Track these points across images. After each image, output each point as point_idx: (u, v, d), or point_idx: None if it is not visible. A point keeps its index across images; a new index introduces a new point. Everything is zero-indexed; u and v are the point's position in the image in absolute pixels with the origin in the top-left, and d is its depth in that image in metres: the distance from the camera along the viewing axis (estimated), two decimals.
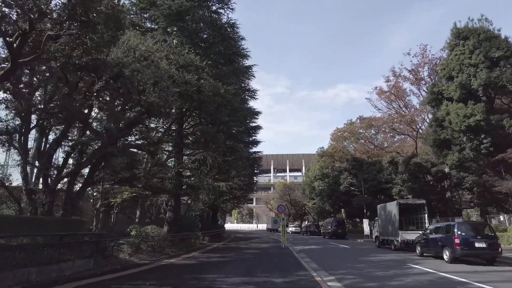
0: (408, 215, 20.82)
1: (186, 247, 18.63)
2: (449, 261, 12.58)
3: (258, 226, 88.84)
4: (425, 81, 40.72)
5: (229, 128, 24.27)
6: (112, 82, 9.92)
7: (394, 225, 19.36)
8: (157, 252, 15.10)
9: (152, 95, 11.00)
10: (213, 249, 19.09)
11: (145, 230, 15.34)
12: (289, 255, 15.92)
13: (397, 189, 36.31)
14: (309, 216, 68.39)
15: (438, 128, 23.93)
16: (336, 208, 50.58)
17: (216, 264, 12.44)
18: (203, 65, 19.01)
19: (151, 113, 11.55)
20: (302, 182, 65.19)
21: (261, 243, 26.08)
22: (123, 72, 9.76)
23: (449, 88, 23.18)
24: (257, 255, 15.82)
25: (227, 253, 16.75)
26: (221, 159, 23.49)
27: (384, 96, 45.90)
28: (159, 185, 19.15)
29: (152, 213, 24.30)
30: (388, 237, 20.53)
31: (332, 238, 34.99)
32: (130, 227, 15.18)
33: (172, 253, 16.07)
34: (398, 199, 20.21)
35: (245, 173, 33.26)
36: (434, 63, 38.79)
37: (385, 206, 21.39)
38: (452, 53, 23.45)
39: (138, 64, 10.08)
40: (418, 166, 34.14)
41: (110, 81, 9.94)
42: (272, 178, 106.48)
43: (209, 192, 22.10)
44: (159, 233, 15.95)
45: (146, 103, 10.95)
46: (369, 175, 39.36)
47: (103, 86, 9.98)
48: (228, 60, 26.03)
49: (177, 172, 21.94)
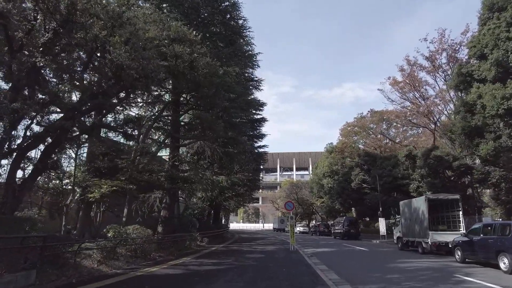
0: (437, 213, 17.93)
1: (178, 250, 15.97)
2: (509, 271, 9.70)
3: (265, 225, 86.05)
4: (443, 69, 37.61)
5: (229, 116, 21.55)
6: (62, 31, 7.29)
7: (423, 224, 16.48)
8: (140, 257, 12.45)
9: (121, 56, 8.34)
10: (210, 253, 16.39)
11: (126, 230, 12.71)
12: (300, 261, 13.16)
13: (414, 185, 33.29)
14: (317, 215, 65.56)
15: (468, 114, 20.97)
16: (346, 206, 47.69)
17: (207, 274, 9.73)
18: (198, 39, 16.33)
19: (122, 81, 8.90)
20: (310, 180, 62.39)
21: (267, 245, 23.32)
22: (74, 17, 7.14)
23: (480, 68, 20.22)
24: (261, 261, 13.08)
25: (225, 259, 14.02)
26: (221, 150, 20.80)
27: (398, 87, 42.70)
28: (147, 179, 16.50)
29: (144, 211, 21.67)
30: (414, 239, 17.64)
31: (344, 238, 32.17)
32: (107, 227, 12.55)
33: (160, 258, 13.41)
34: (427, 194, 17.31)
35: (249, 168, 30.56)
36: (454, 49, 35.63)
37: (410, 203, 18.49)
38: (485, 28, 20.46)
39: (97, 7, 7.44)
40: (439, 160, 31.01)
41: (60, 30, 7.31)
42: (278, 177, 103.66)
43: (208, 187, 19.44)
44: (144, 234, 13.28)
45: (113, 65, 8.30)
46: (384, 170, 36.33)
47: (51, 39, 7.36)
48: (229, 42, 23.37)
49: (172, 165, 19.33)
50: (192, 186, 18.15)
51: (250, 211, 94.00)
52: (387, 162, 37.56)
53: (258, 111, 32.78)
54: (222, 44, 22.82)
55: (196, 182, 18.42)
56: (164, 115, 21.27)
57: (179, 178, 17.38)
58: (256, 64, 31.01)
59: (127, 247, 12.20)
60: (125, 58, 8.45)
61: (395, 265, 12.37)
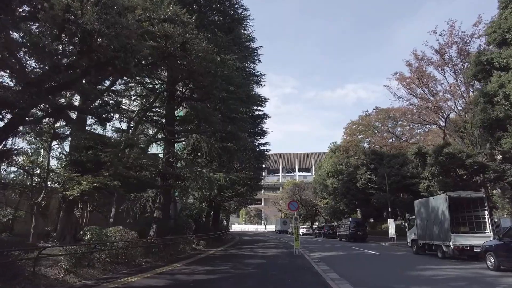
0: (458, 213, 16.19)
1: (170, 255, 14.30)
2: None
3: (267, 227, 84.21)
4: (453, 62, 35.83)
5: (228, 108, 19.87)
6: None
7: (443, 225, 14.73)
8: (122, 263, 10.80)
9: (85, 16, 6.70)
10: (206, 258, 14.69)
11: (106, 233, 11.06)
12: (306, 268, 11.45)
13: (425, 184, 31.44)
14: (320, 216, 63.72)
15: (488, 105, 19.23)
16: (351, 207, 45.87)
17: (195, 287, 8.06)
18: (192, 21, 14.67)
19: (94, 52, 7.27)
20: (313, 181, 60.60)
21: (269, 248, 21.58)
22: None
23: (502, 55, 18.47)
24: (262, 268, 11.40)
25: (222, 265, 12.33)
26: (219, 146, 19.11)
27: (405, 83, 40.91)
28: (136, 175, 14.87)
29: (136, 211, 20.00)
30: (432, 241, 15.88)
31: (351, 241, 30.43)
32: (84, 229, 10.91)
33: (146, 264, 11.74)
34: (448, 192, 15.55)
35: (250, 167, 28.86)
36: (465, 42, 33.85)
37: (428, 202, 16.74)
38: (506, 12, 18.75)
39: None
40: (451, 157, 29.20)
41: None
42: (280, 178, 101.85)
43: (204, 185, 17.74)
44: (127, 237, 11.61)
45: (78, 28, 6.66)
46: (391, 169, 34.51)
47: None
48: (228, 29, 21.75)
49: (167, 162, 17.70)
50: (186, 184, 16.44)
51: (252, 213, 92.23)
52: (395, 160, 35.73)
53: (260, 106, 31.16)
54: (220, 33, 21.21)
55: (191, 179, 16.78)
56: (158, 106, 19.69)
57: (171, 174, 15.70)
58: (258, 59, 29.48)
59: (106, 252, 10.53)
60: (94, 21, 6.81)
61: (417, 273, 10.64)
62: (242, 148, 27.93)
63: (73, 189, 12.10)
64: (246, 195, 32.58)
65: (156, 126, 18.79)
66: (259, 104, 30.40)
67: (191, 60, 14.68)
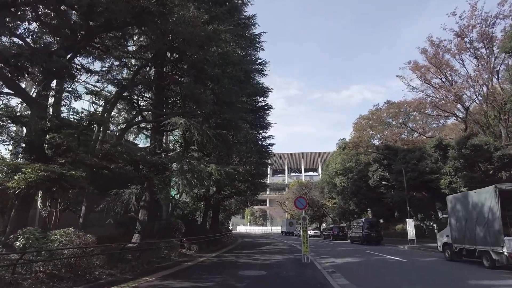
0: (506, 211, 13.05)
1: (146, 263, 11.40)
2: None
3: (272, 229, 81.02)
4: (475, 47, 32.55)
5: (223, 89, 16.91)
6: None
7: (491, 226, 11.64)
8: (67, 279, 7.92)
9: None
10: (191, 268, 11.75)
11: (49, 237, 8.21)
12: (318, 283, 8.48)
13: (446, 180, 28.27)
14: (328, 217, 60.45)
15: None
16: (361, 207, 42.70)
17: None
18: None
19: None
20: (321, 180, 57.45)
21: (272, 253, 18.55)
22: None
23: None
24: (259, 285, 8.45)
25: (207, 279, 9.36)
26: (212, 133, 16.15)
27: (420, 73, 37.64)
28: (105, 165, 11.98)
29: (117, 211, 17.13)
30: (473, 246, 12.75)
31: (364, 244, 27.36)
32: (18, 233, 8.07)
33: (107, 278, 8.85)
34: (498, 184, 12.41)
35: (251, 161, 25.88)
36: (489, 23, 30.54)
37: (467, 197, 13.58)
38: None
39: None
40: (477, 150, 26.04)
41: None
42: (286, 178, 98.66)
43: (193, 179, 14.80)
44: (78, 242, 8.72)
45: None
46: (407, 165, 31.29)
47: None
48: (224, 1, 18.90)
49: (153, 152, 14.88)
50: (166, 174, 13.56)
51: (258, 214, 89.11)
52: (410, 155, 32.45)
53: (263, 97, 28.19)
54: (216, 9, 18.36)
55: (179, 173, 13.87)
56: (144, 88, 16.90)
57: (147, 163, 12.83)
58: (260, 46, 26.57)
59: (45, 264, 7.67)
60: None
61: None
62: (242, 140, 25.01)
63: (14, 179, 9.27)
64: (247, 194, 29.50)
65: (136, 109, 15.90)
66: (262, 94, 27.48)
67: (174, 23, 11.86)
